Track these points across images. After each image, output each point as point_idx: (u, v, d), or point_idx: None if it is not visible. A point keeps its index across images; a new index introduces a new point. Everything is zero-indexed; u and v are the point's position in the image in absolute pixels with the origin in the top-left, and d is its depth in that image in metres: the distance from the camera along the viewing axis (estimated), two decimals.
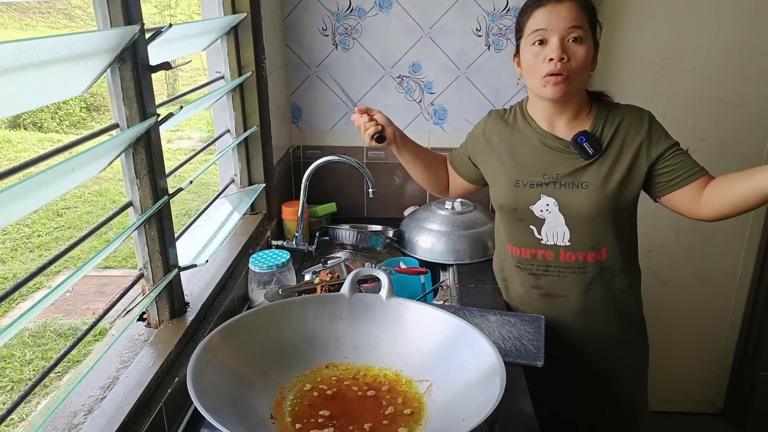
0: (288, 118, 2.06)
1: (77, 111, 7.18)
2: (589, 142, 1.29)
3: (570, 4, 1.20)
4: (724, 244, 2.30)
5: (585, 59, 1.21)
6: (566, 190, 1.32)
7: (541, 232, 1.37)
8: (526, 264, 1.41)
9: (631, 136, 1.29)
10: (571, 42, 1.20)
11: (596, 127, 1.31)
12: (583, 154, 1.30)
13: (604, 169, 1.30)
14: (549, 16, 1.20)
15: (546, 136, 1.34)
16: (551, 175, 1.33)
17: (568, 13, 1.19)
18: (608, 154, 1.30)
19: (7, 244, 4.54)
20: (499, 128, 1.42)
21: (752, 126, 2.14)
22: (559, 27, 1.20)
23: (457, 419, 0.88)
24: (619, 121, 1.30)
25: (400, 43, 1.98)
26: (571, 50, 1.21)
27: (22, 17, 8.94)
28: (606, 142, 1.30)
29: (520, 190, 1.36)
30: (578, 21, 1.20)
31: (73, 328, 3.57)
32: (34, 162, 0.76)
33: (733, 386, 2.48)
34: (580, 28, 1.20)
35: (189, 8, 8.87)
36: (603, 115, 1.32)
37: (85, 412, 0.90)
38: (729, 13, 2.02)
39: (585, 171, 1.30)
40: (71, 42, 0.79)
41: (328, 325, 1.12)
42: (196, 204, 5.39)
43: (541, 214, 1.35)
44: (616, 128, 1.30)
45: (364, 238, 1.79)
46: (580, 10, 1.21)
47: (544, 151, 1.34)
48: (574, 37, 1.20)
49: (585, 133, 1.30)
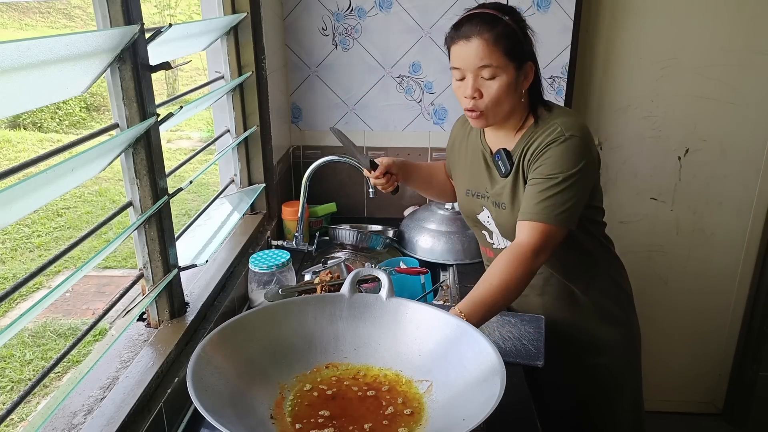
0: (288, 118, 2.05)
1: (77, 111, 7.18)
2: (503, 160, 1.30)
3: (478, 42, 1.17)
4: (724, 245, 2.30)
5: (497, 94, 1.20)
6: (494, 207, 1.34)
7: (492, 237, 1.41)
8: (490, 262, 1.45)
9: (529, 155, 1.25)
10: (484, 80, 1.20)
11: (520, 144, 1.29)
12: (498, 171, 1.32)
13: (514, 190, 1.29)
14: (461, 55, 1.20)
15: (486, 150, 1.36)
16: (488, 189, 1.36)
17: (476, 52, 1.18)
18: (518, 174, 1.28)
19: (7, 244, 4.54)
20: (460, 135, 1.47)
21: (752, 126, 2.14)
22: (469, 66, 1.20)
23: (457, 419, 0.88)
24: (534, 138, 1.25)
25: (400, 43, 1.98)
26: (485, 86, 1.20)
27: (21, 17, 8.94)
28: (519, 161, 1.28)
29: (470, 198, 1.41)
30: (488, 59, 1.17)
31: (73, 328, 3.57)
32: (34, 162, 0.76)
33: (733, 386, 2.48)
34: (490, 65, 1.18)
35: (189, 8, 8.86)
36: (530, 133, 1.27)
37: (85, 412, 0.90)
38: (729, 13, 2.02)
39: (503, 190, 1.31)
40: (71, 42, 0.78)
41: (328, 325, 1.12)
42: (196, 204, 5.38)
43: (486, 224, 1.40)
44: (530, 146, 1.26)
45: (364, 238, 1.79)
46: (489, 47, 1.17)
47: (483, 164, 1.37)
48: (486, 76, 1.20)
49: (501, 150, 1.30)
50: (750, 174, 2.20)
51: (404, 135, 2.08)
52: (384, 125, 2.07)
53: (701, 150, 2.19)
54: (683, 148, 2.19)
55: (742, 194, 2.23)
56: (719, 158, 2.19)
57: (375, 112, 2.06)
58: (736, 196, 2.23)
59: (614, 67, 2.10)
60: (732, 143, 2.17)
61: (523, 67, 1.22)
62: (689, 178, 2.22)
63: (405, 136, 2.08)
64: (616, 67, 2.10)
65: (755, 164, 2.19)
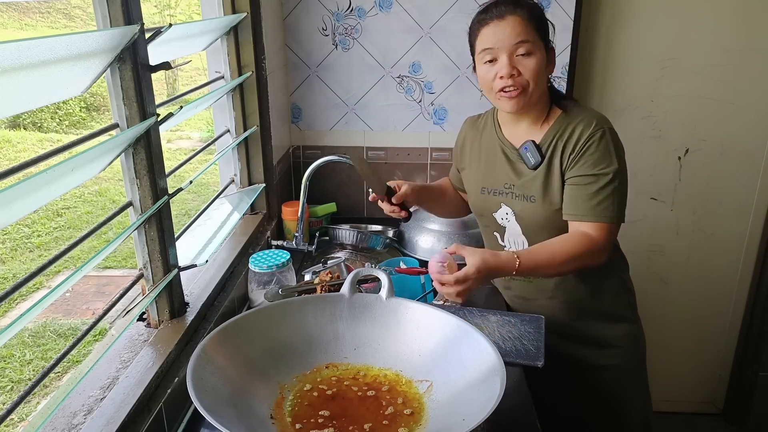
0: (288, 118, 2.05)
1: (77, 111, 7.18)
2: (532, 151, 1.28)
3: (513, 19, 1.18)
4: (724, 245, 2.30)
5: (536, 70, 1.20)
6: (520, 201, 1.33)
7: (503, 239, 1.40)
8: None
9: (567, 149, 1.25)
10: (520, 56, 1.20)
11: (548, 136, 1.28)
12: (527, 163, 1.30)
13: (546, 182, 1.28)
14: (494, 35, 1.20)
15: (506, 144, 1.35)
16: (509, 184, 1.34)
17: (512, 29, 1.18)
18: (551, 166, 1.28)
19: (7, 244, 4.54)
20: (471, 135, 1.45)
21: (752, 126, 2.14)
22: (505, 44, 1.19)
23: (457, 419, 0.88)
24: (570, 131, 1.25)
25: (400, 43, 1.98)
26: (521, 64, 1.20)
27: (21, 17, 8.94)
28: (550, 153, 1.27)
29: (485, 197, 1.39)
30: (524, 35, 1.18)
31: (73, 328, 3.57)
32: (34, 162, 0.76)
33: (733, 386, 2.48)
34: (527, 42, 1.19)
35: (189, 8, 8.86)
36: (560, 125, 1.28)
37: (85, 412, 0.90)
38: (729, 13, 2.02)
39: (532, 183, 1.30)
40: (71, 42, 0.78)
41: (328, 325, 1.12)
42: (196, 204, 5.38)
43: (502, 222, 1.38)
44: (566, 138, 1.26)
45: (364, 238, 1.79)
46: (524, 23, 1.19)
47: (504, 159, 1.35)
48: (522, 52, 1.20)
49: (530, 142, 1.29)
50: (750, 174, 2.20)
51: (404, 135, 2.08)
52: (384, 125, 2.07)
53: (701, 150, 2.19)
54: (683, 148, 2.19)
55: (742, 194, 2.23)
56: (719, 158, 2.19)
57: (375, 112, 2.06)
58: (736, 196, 2.23)
59: (614, 67, 2.10)
60: (732, 143, 2.17)
61: (548, 50, 1.24)
62: (689, 178, 2.22)
63: (405, 136, 2.08)
64: (616, 67, 2.10)
65: (755, 164, 2.19)
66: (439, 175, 2.10)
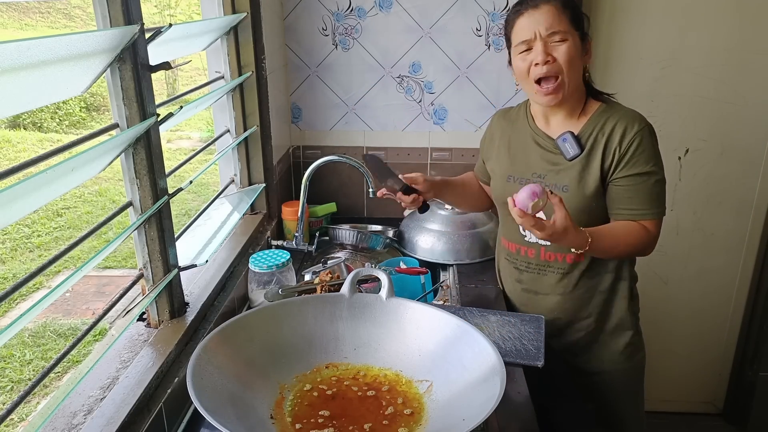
0: (288, 118, 2.05)
1: (77, 111, 7.17)
2: (570, 143, 1.29)
3: (548, 8, 1.22)
4: (724, 245, 2.30)
5: (571, 56, 1.22)
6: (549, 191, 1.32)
7: (524, 228, 1.38)
8: (512, 258, 1.46)
9: (612, 145, 1.27)
10: (556, 44, 1.22)
11: (587, 128, 1.30)
12: (565, 153, 1.31)
13: (583, 173, 1.29)
14: (529, 24, 1.23)
15: (539, 134, 1.36)
16: (539, 173, 1.34)
17: (546, 18, 1.21)
18: (590, 158, 1.29)
19: (7, 244, 4.54)
20: (502, 125, 1.46)
21: (752, 126, 2.14)
22: (540, 33, 1.22)
23: (457, 419, 0.88)
24: (612, 126, 1.27)
25: (400, 43, 1.98)
26: (556, 51, 1.22)
27: (22, 17, 8.94)
28: (590, 146, 1.29)
29: (511, 185, 1.39)
30: (558, 25, 1.21)
31: (73, 328, 3.57)
32: (34, 162, 0.76)
33: (733, 386, 2.48)
34: (561, 31, 1.21)
35: (189, 8, 8.86)
36: (600, 118, 1.29)
37: (85, 412, 0.90)
38: (729, 13, 2.02)
39: (567, 172, 1.30)
40: (71, 42, 0.78)
41: (328, 325, 1.12)
42: (196, 204, 5.38)
43: None
44: (608, 133, 1.27)
45: (364, 238, 1.79)
46: (559, 11, 1.22)
47: (535, 148, 1.36)
48: (557, 39, 1.22)
49: (569, 133, 1.30)
50: (750, 174, 2.20)
51: (404, 135, 2.08)
52: (384, 125, 2.07)
53: (701, 150, 2.19)
54: (683, 148, 2.19)
55: (742, 194, 2.23)
56: (719, 158, 2.19)
57: (375, 112, 2.06)
58: (736, 196, 2.23)
59: (614, 67, 2.10)
60: (732, 143, 2.17)
61: (584, 40, 1.26)
62: (689, 178, 2.22)
63: (405, 136, 2.08)
64: (615, 67, 2.10)
65: (755, 164, 2.19)
66: (439, 175, 2.09)
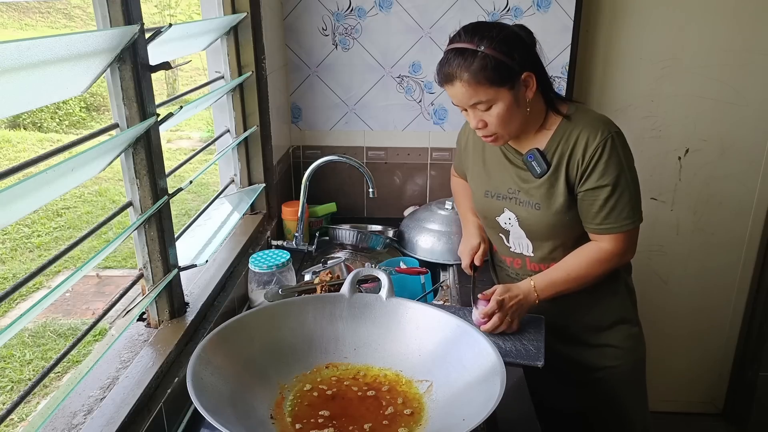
0: (288, 118, 2.05)
1: (77, 111, 7.18)
2: (537, 160, 1.28)
3: (460, 84, 1.18)
4: (724, 245, 2.30)
5: (502, 117, 1.20)
6: (524, 208, 1.33)
7: (509, 240, 1.40)
8: (503, 266, 1.47)
9: (575, 158, 1.24)
10: (483, 112, 1.21)
11: (552, 143, 1.27)
12: (533, 172, 1.30)
13: (551, 189, 1.28)
14: (452, 95, 1.22)
15: (509, 150, 1.35)
16: (513, 190, 1.34)
17: (464, 93, 1.18)
18: (557, 174, 1.27)
19: (6, 244, 4.54)
20: (473, 136, 1.43)
21: (752, 126, 2.14)
22: (462, 104, 1.22)
23: (457, 419, 0.88)
24: (575, 138, 1.24)
25: (400, 43, 1.98)
26: (486, 116, 1.21)
27: (22, 17, 8.94)
28: (557, 161, 1.27)
29: (489, 200, 1.39)
30: (477, 95, 1.18)
31: (73, 328, 3.57)
32: (34, 162, 0.76)
33: (733, 386, 2.48)
34: (483, 100, 1.19)
35: (189, 8, 8.86)
36: (563, 131, 1.26)
37: (85, 412, 0.90)
38: (729, 13, 2.02)
39: (537, 190, 1.30)
40: (71, 42, 0.78)
41: (328, 325, 1.12)
42: (196, 204, 5.38)
43: (505, 226, 1.38)
44: (571, 146, 1.25)
45: (364, 238, 1.79)
46: (473, 84, 1.16)
47: (507, 165, 1.35)
48: (483, 109, 1.21)
49: (534, 151, 1.28)
50: (750, 174, 2.20)
51: (404, 135, 2.08)
52: (384, 125, 2.07)
53: (701, 150, 2.19)
54: (683, 148, 2.19)
55: (742, 194, 2.23)
56: (719, 158, 2.19)
57: (375, 112, 2.06)
58: (736, 196, 2.23)
59: (614, 67, 2.10)
60: (732, 143, 2.17)
61: (517, 84, 1.19)
62: (689, 178, 2.22)
63: (405, 136, 2.08)
64: (616, 67, 2.10)
65: (755, 164, 2.19)
66: (439, 175, 2.10)
